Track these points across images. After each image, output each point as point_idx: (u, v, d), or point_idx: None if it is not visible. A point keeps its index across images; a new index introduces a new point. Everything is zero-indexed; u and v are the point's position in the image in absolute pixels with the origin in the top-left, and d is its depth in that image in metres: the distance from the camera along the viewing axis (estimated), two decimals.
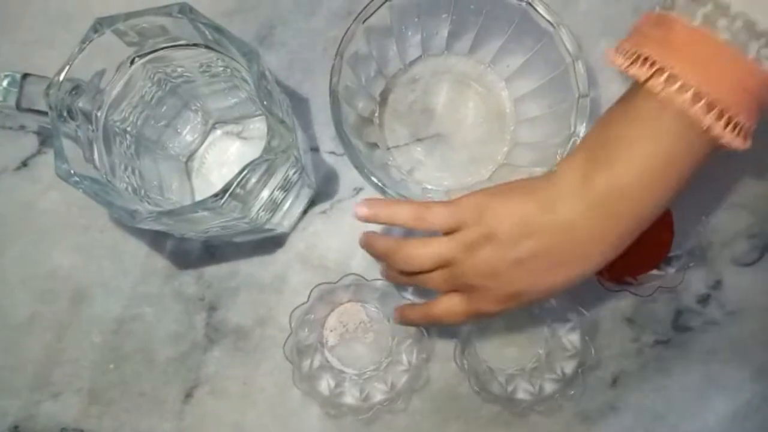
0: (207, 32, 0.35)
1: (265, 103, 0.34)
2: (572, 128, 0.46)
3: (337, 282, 0.49)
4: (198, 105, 0.48)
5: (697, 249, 0.50)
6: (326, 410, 0.49)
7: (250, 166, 0.33)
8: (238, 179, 0.33)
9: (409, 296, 0.51)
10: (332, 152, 0.53)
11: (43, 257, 0.52)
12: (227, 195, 0.33)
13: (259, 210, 0.40)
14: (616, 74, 0.53)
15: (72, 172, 0.34)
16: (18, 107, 0.36)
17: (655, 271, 0.50)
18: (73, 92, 0.35)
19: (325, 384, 0.50)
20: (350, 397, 0.50)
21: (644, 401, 0.51)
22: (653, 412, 0.51)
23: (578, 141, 0.46)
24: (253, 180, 0.34)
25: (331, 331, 0.52)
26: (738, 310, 0.52)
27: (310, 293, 0.48)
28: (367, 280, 0.49)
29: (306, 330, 0.50)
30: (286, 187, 0.41)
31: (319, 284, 0.48)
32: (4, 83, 0.36)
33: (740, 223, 0.52)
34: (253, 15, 0.54)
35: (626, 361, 0.51)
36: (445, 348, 0.50)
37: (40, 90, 0.35)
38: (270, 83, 0.35)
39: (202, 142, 0.52)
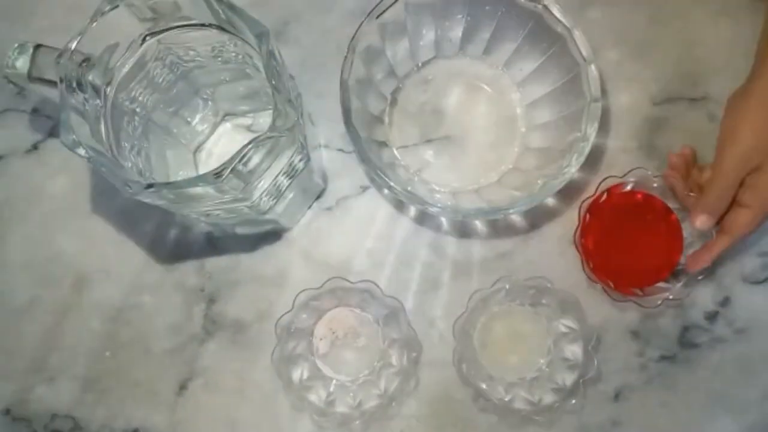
0: (220, 10, 0.36)
1: (273, 81, 0.34)
2: (583, 132, 0.45)
3: (321, 287, 0.48)
4: (209, 93, 0.48)
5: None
6: (318, 422, 0.48)
7: (254, 143, 0.33)
8: (241, 155, 0.33)
9: None
10: (341, 149, 0.53)
11: (46, 241, 0.53)
12: (229, 170, 0.33)
13: (262, 194, 0.40)
14: (627, 83, 0.53)
15: (78, 141, 0.34)
16: (29, 76, 0.37)
17: (662, 284, 0.49)
18: (84, 64, 0.36)
19: (316, 395, 0.49)
20: (343, 406, 0.49)
21: (647, 418, 0.50)
22: (656, 429, 0.50)
23: (588, 146, 0.45)
24: (256, 159, 0.34)
25: (321, 339, 0.51)
26: (746, 329, 0.51)
27: (294, 301, 0.48)
28: (351, 282, 0.48)
29: (294, 340, 0.49)
30: (290, 174, 0.41)
31: (303, 290, 0.48)
32: (17, 52, 0.37)
33: (750, 241, 0.51)
34: (267, 10, 0.54)
35: (630, 376, 0.50)
36: (443, 353, 0.50)
37: (51, 60, 0.35)
38: (279, 65, 0.35)
39: (211, 134, 0.52)
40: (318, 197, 0.52)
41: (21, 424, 0.51)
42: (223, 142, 0.52)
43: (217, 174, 0.33)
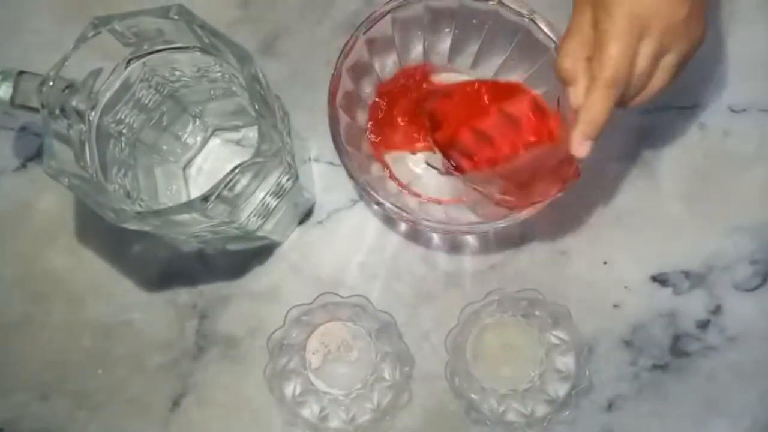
0: (203, 35, 0.35)
1: (257, 106, 0.34)
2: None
3: (313, 303, 0.48)
4: (197, 110, 0.48)
5: None
6: None
7: (239, 169, 0.33)
8: (226, 181, 0.33)
9: None
10: (330, 162, 0.53)
11: (37, 258, 0.52)
12: (214, 197, 0.33)
13: (250, 215, 0.40)
14: None
15: (61, 170, 0.34)
16: (12, 103, 0.37)
17: None
18: (67, 90, 0.35)
19: (309, 410, 0.49)
20: (336, 420, 0.49)
21: (640, 427, 0.50)
22: None
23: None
24: (243, 183, 0.34)
25: (314, 353, 0.50)
26: (738, 336, 0.51)
27: (285, 317, 0.48)
28: (342, 297, 0.48)
29: (286, 355, 0.49)
30: (278, 193, 0.41)
31: (295, 306, 0.48)
32: (0, 78, 0.36)
33: (742, 249, 0.51)
34: (257, 25, 0.54)
35: (622, 385, 0.50)
36: (436, 366, 0.50)
37: (34, 87, 0.35)
38: (264, 88, 0.35)
39: (200, 150, 0.52)
40: (308, 212, 0.52)
41: None
42: (212, 158, 0.52)
43: (203, 200, 0.33)
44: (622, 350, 0.51)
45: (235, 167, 0.33)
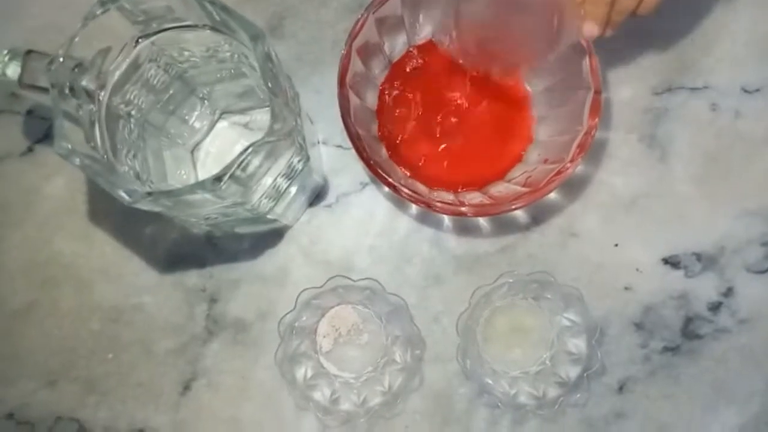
0: (214, 12, 0.35)
1: (269, 85, 0.33)
2: (584, 125, 0.45)
3: (323, 286, 0.48)
4: (205, 92, 0.47)
5: None
6: (323, 420, 0.48)
7: (252, 148, 0.33)
8: (239, 160, 0.32)
9: None
10: (339, 146, 0.53)
11: (44, 243, 0.52)
12: (227, 176, 0.32)
13: (261, 197, 0.39)
14: (627, 73, 0.52)
15: (73, 150, 0.33)
16: (20, 83, 0.36)
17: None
18: (76, 70, 0.35)
19: (321, 393, 0.49)
20: (348, 403, 0.49)
21: (651, 409, 0.50)
22: (660, 421, 0.50)
23: (590, 139, 0.45)
24: (255, 163, 0.34)
25: (324, 336, 0.50)
26: (750, 319, 0.51)
27: (296, 300, 0.47)
28: (353, 280, 0.48)
29: (297, 338, 0.49)
30: (290, 175, 0.41)
31: (305, 289, 0.48)
32: (7, 58, 0.36)
33: (754, 230, 0.51)
34: (263, 5, 0.53)
35: (633, 368, 0.50)
36: (447, 348, 0.50)
37: (43, 66, 0.35)
38: (275, 66, 0.35)
39: (208, 132, 0.51)
40: (318, 195, 0.52)
41: (24, 428, 0.51)
42: (220, 141, 0.52)
43: (216, 180, 0.32)
44: (633, 332, 0.51)
45: (248, 147, 0.33)
